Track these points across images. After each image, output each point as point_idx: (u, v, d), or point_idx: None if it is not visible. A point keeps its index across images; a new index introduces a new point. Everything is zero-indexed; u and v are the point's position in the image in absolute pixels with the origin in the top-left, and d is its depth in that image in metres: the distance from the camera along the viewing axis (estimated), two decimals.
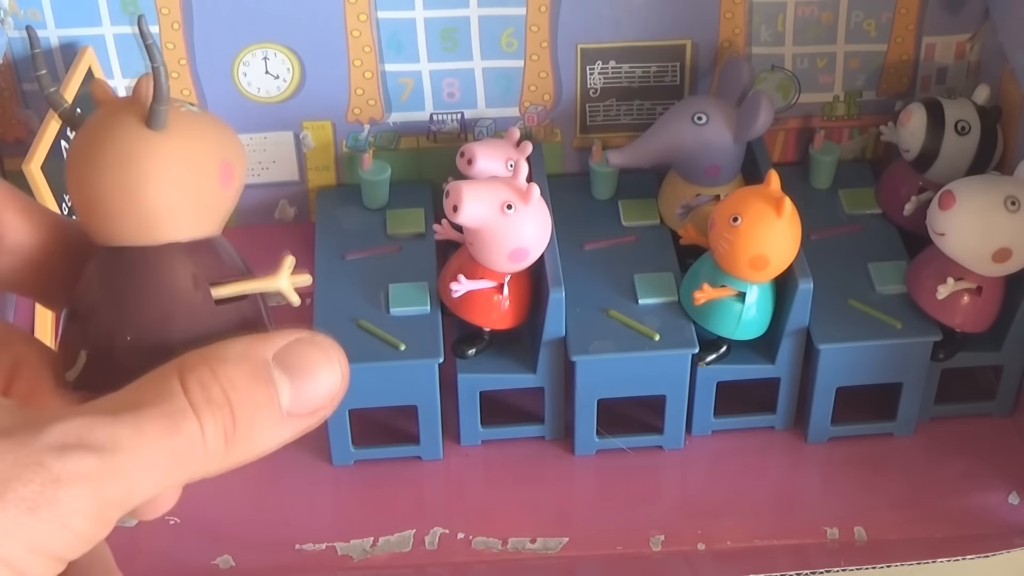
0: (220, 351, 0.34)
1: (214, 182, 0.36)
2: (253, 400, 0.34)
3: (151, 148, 0.34)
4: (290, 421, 0.35)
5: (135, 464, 0.32)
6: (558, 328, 0.73)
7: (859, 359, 0.75)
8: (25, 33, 0.78)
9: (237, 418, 0.33)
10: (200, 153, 0.35)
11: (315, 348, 0.35)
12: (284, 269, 0.37)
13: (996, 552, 0.71)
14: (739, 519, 0.74)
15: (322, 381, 0.35)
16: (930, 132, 0.78)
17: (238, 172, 0.37)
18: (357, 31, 0.81)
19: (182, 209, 0.35)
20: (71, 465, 0.31)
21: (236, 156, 0.37)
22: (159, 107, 0.34)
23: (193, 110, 0.36)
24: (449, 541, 0.73)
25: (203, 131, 0.36)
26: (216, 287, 0.36)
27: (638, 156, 0.79)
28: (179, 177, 0.35)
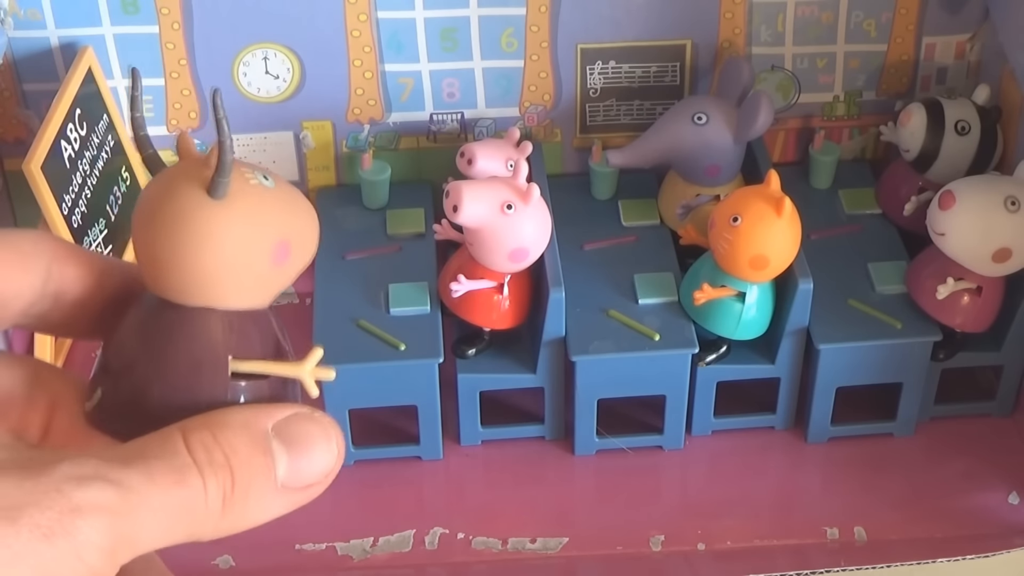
0: (222, 417, 0.35)
1: (265, 259, 0.36)
2: (252, 467, 0.34)
3: (205, 216, 0.35)
4: (284, 494, 0.35)
5: (147, 507, 0.32)
6: (558, 328, 0.73)
7: (859, 359, 0.75)
8: (26, 34, 0.78)
9: (236, 482, 0.34)
10: (255, 228, 0.36)
11: (314, 425, 0.36)
12: (310, 359, 0.37)
13: (996, 552, 0.71)
14: (739, 519, 0.74)
15: (318, 457, 0.36)
16: (930, 132, 0.78)
17: (296, 252, 0.37)
18: (357, 31, 0.81)
19: (227, 280, 0.36)
20: (91, 495, 0.31)
21: (297, 236, 0.37)
22: (220, 179, 0.35)
23: (265, 184, 0.36)
24: (449, 541, 0.73)
25: (263, 207, 0.36)
26: (237, 361, 0.36)
27: (638, 156, 0.79)
28: (228, 249, 0.35)
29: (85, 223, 0.74)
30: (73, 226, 0.72)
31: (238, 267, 0.36)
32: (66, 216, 0.71)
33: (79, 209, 0.73)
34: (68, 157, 0.73)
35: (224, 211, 0.35)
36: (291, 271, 0.37)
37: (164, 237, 0.35)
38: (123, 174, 0.80)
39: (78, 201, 0.73)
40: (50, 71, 0.80)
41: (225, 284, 0.36)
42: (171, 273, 0.36)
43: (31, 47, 0.79)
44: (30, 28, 0.79)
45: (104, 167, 0.77)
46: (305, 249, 0.38)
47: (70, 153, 0.73)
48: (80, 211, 0.73)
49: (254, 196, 0.36)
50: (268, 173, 0.37)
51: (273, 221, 0.36)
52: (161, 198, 0.36)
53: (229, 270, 0.36)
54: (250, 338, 0.37)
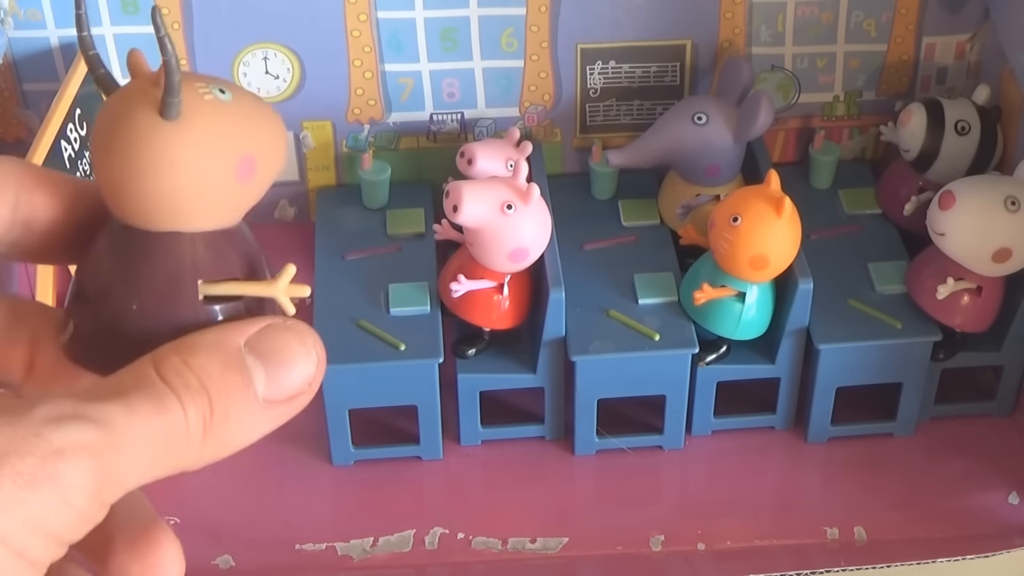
0: (192, 340, 0.34)
1: (228, 177, 0.35)
2: (228, 387, 0.33)
3: (159, 139, 0.34)
4: (267, 409, 0.34)
5: (129, 442, 0.31)
6: (558, 328, 0.73)
7: (859, 359, 0.75)
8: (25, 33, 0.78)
9: (214, 404, 0.33)
10: (213, 147, 0.35)
11: (288, 333, 0.35)
12: (283, 277, 0.36)
13: (996, 552, 0.71)
14: (739, 519, 0.74)
15: (297, 366, 0.35)
16: (930, 132, 0.78)
17: (262, 166, 0.36)
18: (357, 31, 0.81)
19: (189, 202, 0.35)
20: (72, 436, 0.30)
21: (261, 149, 0.36)
22: (169, 100, 0.34)
23: (222, 97, 0.35)
24: (449, 541, 0.73)
25: (220, 123, 0.35)
26: (209, 284, 0.35)
27: (638, 156, 0.79)
28: (187, 171, 0.34)
29: None
30: None
31: (200, 189, 0.35)
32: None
33: None
34: (68, 157, 0.73)
35: (179, 132, 0.34)
36: (259, 185, 0.36)
37: (120, 164, 0.34)
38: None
39: None
40: (50, 71, 0.80)
41: (188, 207, 0.35)
42: (131, 199, 0.35)
43: (31, 47, 0.79)
44: (30, 28, 0.79)
45: None
46: (272, 161, 0.37)
47: (70, 153, 0.73)
48: None
49: (210, 113, 0.35)
50: (225, 85, 0.36)
51: (232, 137, 0.35)
52: (113, 123, 0.35)
53: (190, 192, 0.35)
54: (221, 259, 0.36)
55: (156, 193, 0.34)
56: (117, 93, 0.36)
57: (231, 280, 0.36)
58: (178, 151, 0.34)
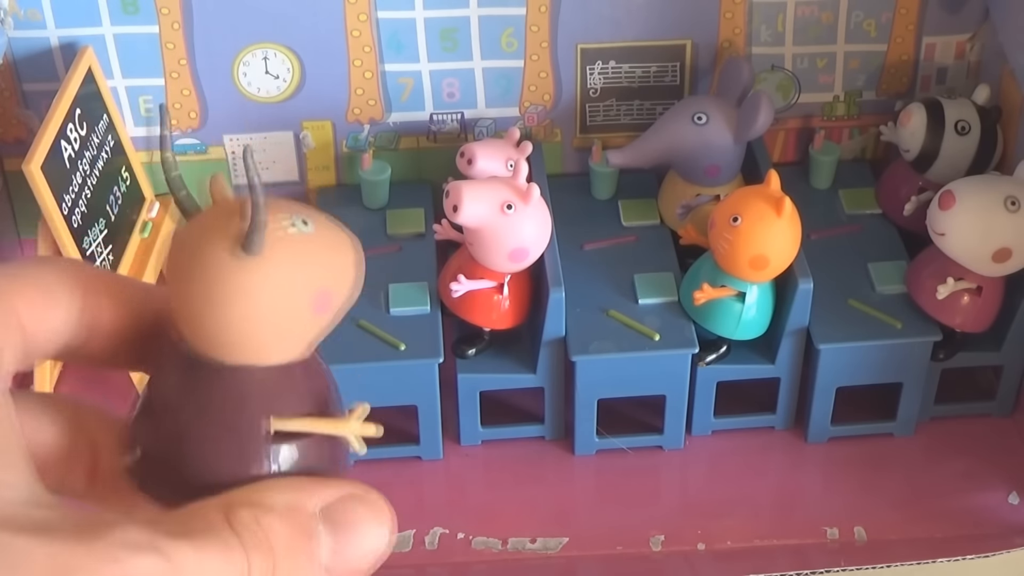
0: (267, 497, 0.33)
1: (305, 311, 0.34)
2: (294, 552, 0.33)
3: (239, 274, 0.33)
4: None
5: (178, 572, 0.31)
6: (558, 328, 0.73)
7: (859, 359, 0.75)
8: (25, 33, 0.78)
9: (277, 565, 0.33)
10: (293, 282, 0.34)
11: (364, 507, 0.35)
12: (354, 416, 0.36)
13: (996, 552, 0.71)
14: (739, 519, 0.74)
15: (367, 542, 0.34)
16: (930, 132, 0.78)
17: (337, 299, 0.35)
18: (357, 31, 0.81)
19: (265, 337, 0.34)
20: (145, 565, 0.30)
21: (337, 283, 0.35)
22: (253, 236, 0.33)
23: (303, 231, 0.34)
24: (449, 541, 0.73)
25: (301, 258, 0.34)
26: (278, 420, 0.35)
27: (638, 156, 0.79)
28: (265, 307, 0.33)
29: (85, 223, 0.74)
30: (73, 226, 0.72)
31: (276, 324, 0.34)
32: (66, 216, 0.71)
33: (79, 209, 0.73)
34: (68, 157, 0.73)
35: (259, 268, 0.33)
36: (332, 318, 0.36)
37: (196, 296, 0.34)
38: (123, 174, 0.80)
39: (78, 201, 0.73)
40: (50, 71, 0.80)
41: (263, 342, 0.34)
42: (206, 331, 0.34)
43: (31, 47, 0.79)
44: (30, 28, 0.79)
45: (104, 167, 0.77)
46: (347, 292, 0.36)
47: (70, 153, 0.73)
48: (80, 211, 0.73)
49: (291, 247, 0.34)
50: (308, 216, 0.35)
51: (312, 271, 0.34)
52: (193, 254, 0.34)
53: (267, 328, 0.34)
54: (291, 393, 0.35)
55: (232, 327, 0.34)
56: (198, 220, 0.35)
57: (301, 416, 0.35)
58: (258, 287, 0.33)
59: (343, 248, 0.36)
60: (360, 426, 0.36)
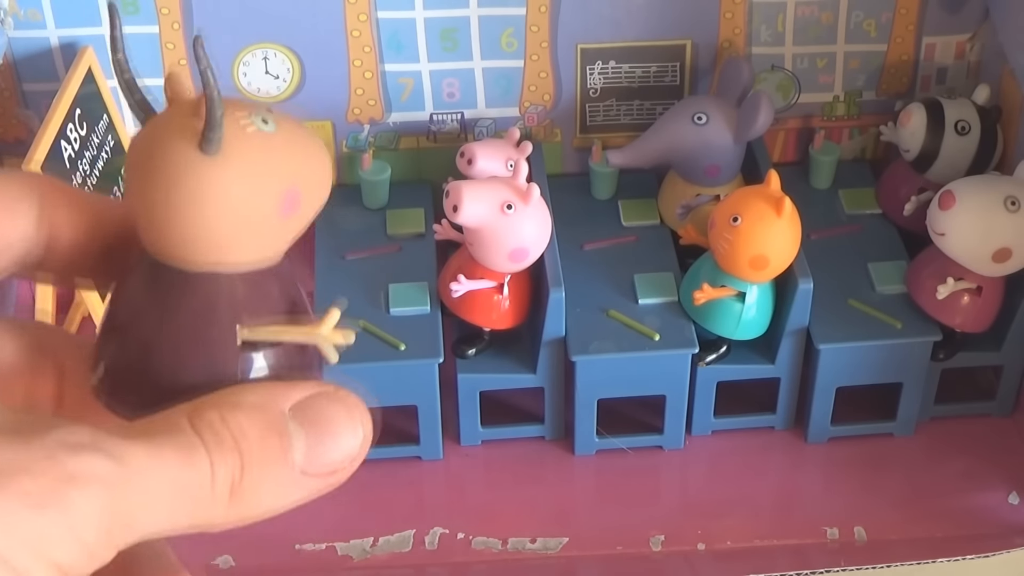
0: (234, 397, 0.32)
1: (271, 212, 0.33)
2: (264, 451, 0.31)
3: (198, 175, 0.32)
4: (303, 480, 0.32)
5: (146, 484, 0.29)
6: (558, 328, 0.73)
7: (859, 359, 0.75)
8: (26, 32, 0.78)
9: (246, 467, 0.31)
10: (256, 181, 0.32)
11: (338, 404, 0.33)
12: (327, 321, 0.34)
13: (996, 552, 0.71)
14: (739, 519, 0.74)
15: (342, 440, 0.33)
16: (930, 132, 0.78)
17: (306, 200, 0.34)
18: (357, 31, 0.81)
19: (229, 240, 0.33)
20: (86, 465, 0.28)
21: (306, 183, 0.34)
22: (210, 135, 0.32)
23: (265, 128, 0.33)
24: (449, 541, 0.73)
25: (264, 156, 0.33)
26: (248, 328, 0.33)
27: (638, 156, 0.79)
28: (228, 209, 0.32)
29: None
30: None
31: (241, 226, 0.32)
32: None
33: None
34: (68, 157, 0.73)
35: (219, 168, 0.32)
36: (303, 219, 0.34)
37: (156, 199, 0.32)
38: (123, 174, 0.80)
39: None
40: (50, 71, 0.80)
41: (228, 245, 0.33)
42: (167, 236, 0.32)
43: (31, 47, 0.79)
44: (30, 28, 0.79)
45: (104, 167, 0.77)
46: (316, 193, 0.34)
47: (70, 153, 0.73)
48: None
49: (252, 146, 0.32)
50: (269, 114, 0.33)
51: (276, 171, 0.33)
52: (150, 155, 0.33)
53: (231, 230, 0.32)
54: (261, 300, 0.34)
55: (194, 231, 0.32)
56: (154, 121, 0.33)
57: (271, 324, 0.34)
58: (219, 187, 0.32)
59: (310, 148, 0.34)
60: (332, 332, 0.34)
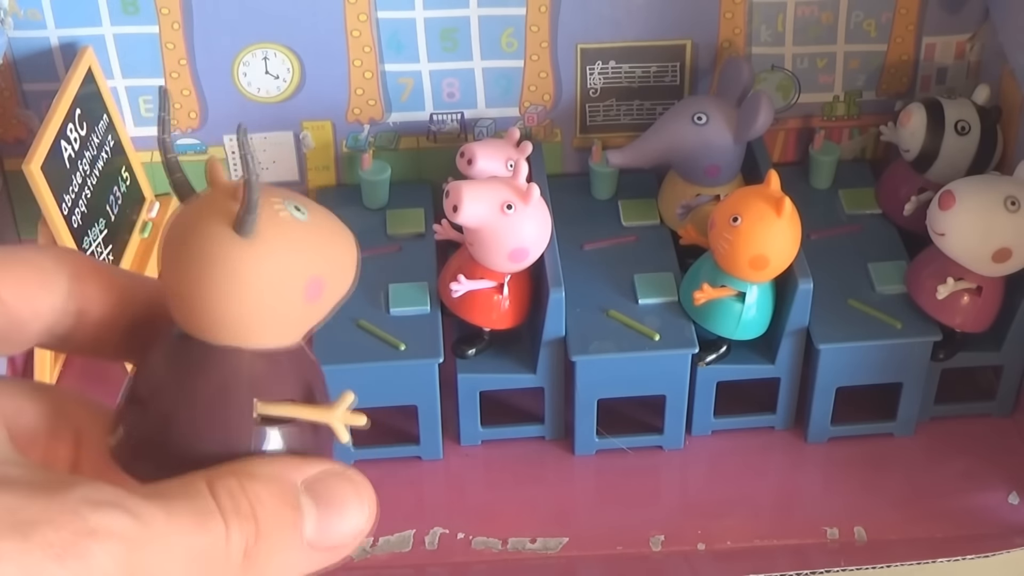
0: (250, 467, 0.33)
1: (296, 298, 0.34)
2: (278, 520, 0.33)
3: (231, 256, 0.33)
4: (310, 552, 0.34)
5: (164, 544, 0.30)
6: (558, 328, 0.73)
7: (859, 359, 0.75)
8: (26, 34, 0.78)
9: (261, 534, 0.32)
10: (285, 265, 0.34)
11: (347, 483, 0.35)
12: (340, 404, 0.35)
13: (996, 552, 0.71)
14: (739, 519, 0.74)
15: (349, 517, 0.34)
16: (930, 132, 0.78)
17: (330, 288, 0.35)
18: (357, 31, 0.81)
19: (255, 320, 0.34)
20: (107, 520, 0.29)
21: (331, 270, 0.35)
22: (246, 217, 0.33)
23: (297, 216, 0.34)
24: (449, 541, 0.73)
25: (295, 243, 0.34)
26: (265, 404, 0.35)
27: (638, 156, 0.79)
28: (256, 290, 0.34)
29: (85, 223, 0.74)
30: (73, 226, 0.72)
31: (267, 307, 0.34)
32: (66, 216, 0.71)
33: (79, 209, 0.73)
34: (68, 157, 0.73)
35: (251, 250, 0.33)
36: (326, 307, 0.36)
37: (189, 276, 0.34)
38: (123, 174, 0.80)
39: (78, 201, 0.73)
40: (50, 71, 0.80)
41: (253, 324, 0.34)
42: (196, 312, 0.34)
43: (31, 47, 0.79)
44: (30, 28, 0.79)
45: (104, 167, 0.77)
46: (341, 282, 0.36)
47: (70, 153, 0.73)
48: (80, 211, 0.73)
49: (284, 232, 0.34)
50: (301, 203, 0.35)
51: (304, 258, 0.34)
52: (187, 234, 0.34)
53: (257, 311, 0.34)
54: (280, 379, 0.35)
55: (222, 309, 0.34)
56: (193, 202, 0.35)
57: (287, 402, 0.35)
58: (250, 269, 0.33)
59: (339, 239, 0.36)
60: (345, 414, 0.36)
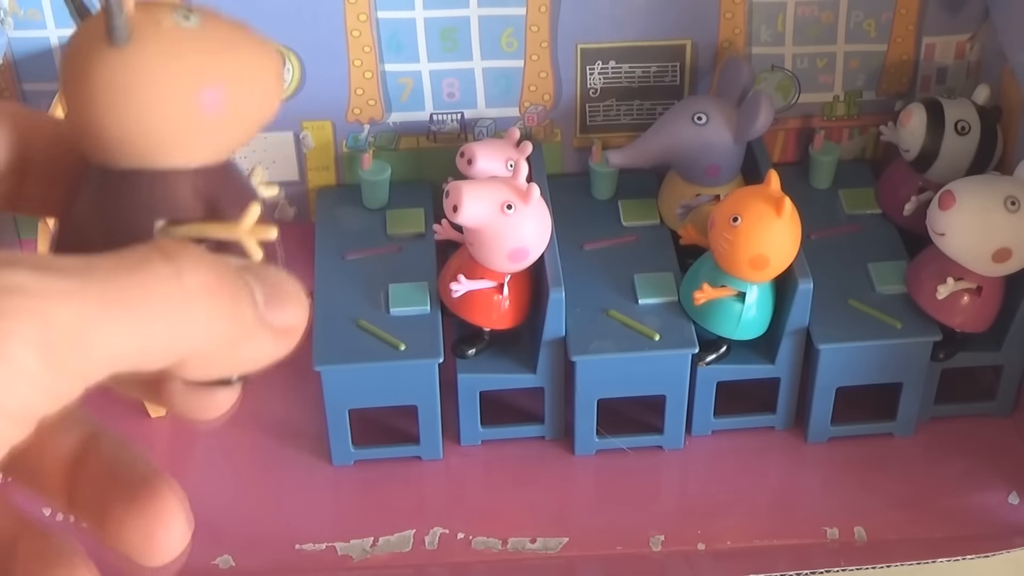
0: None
1: (187, 109, 0.31)
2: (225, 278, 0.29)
3: (104, 65, 0.31)
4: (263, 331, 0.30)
5: (88, 292, 0.26)
6: (558, 328, 0.73)
7: (859, 359, 0.75)
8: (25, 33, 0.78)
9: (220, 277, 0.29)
10: (164, 75, 0.31)
11: (274, 267, 0.32)
12: (246, 219, 0.32)
13: (996, 552, 0.71)
14: (739, 519, 0.74)
15: (290, 294, 0.31)
16: (930, 132, 0.78)
17: (236, 99, 0.32)
18: (357, 31, 0.81)
19: (143, 133, 0.31)
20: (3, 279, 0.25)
21: (232, 81, 0.32)
22: (111, 22, 0.31)
23: (184, 23, 0.32)
24: (449, 541, 0.73)
25: (175, 50, 0.31)
26: (169, 226, 0.32)
27: (638, 156, 0.79)
28: (136, 99, 0.31)
29: None
30: None
31: (153, 121, 0.31)
32: None
33: None
34: None
35: (124, 58, 0.31)
36: (237, 121, 0.33)
37: (68, 91, 0.32)
38: None
39: None
40: (50, 71, 0.80)
41: (142, 140, 0.31)
42: (85, 133, 0.32)
43: (31, 47, 0.79)
44: (30, 28, 0.79)
45: None
46: (249, 93, 0.33)
47: None
48: None
49: (163, 38, 0.31)
50: (193, 12, 0.32)
51: (189, 65, 0.31)
52: (67, 51, 0.32)
53: (142, 124, 0.31)
54: (192, 198, 0.32)
55: (104, 124, 0.31)
56: (84, 23, 0.33)
57: (193, 222, 0.32)
58: (125, 78, 0.31)
59: (241, 47, 0.33)
60: (253, 228, 0.33)
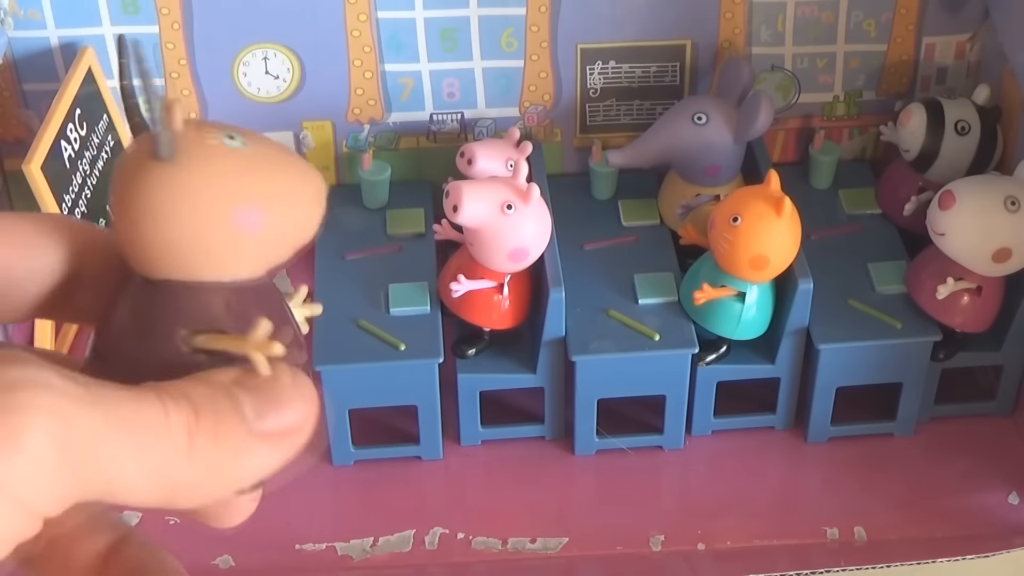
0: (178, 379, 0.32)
1: (222, 226, 0.33)
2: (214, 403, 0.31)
3: (146, 180, 0.32)
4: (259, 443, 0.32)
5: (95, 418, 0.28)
6: (558, 328, 0.73)
7: (859, 359, 0.75)
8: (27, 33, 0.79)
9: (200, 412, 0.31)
10: (202, 191, 0.32)
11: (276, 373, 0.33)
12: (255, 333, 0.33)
13: (996, 552, 0.71)
14: (739, 519, 0.74)
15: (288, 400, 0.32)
16: (930, 132, 0.78)
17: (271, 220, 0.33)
18: (357, 31, 0.81)
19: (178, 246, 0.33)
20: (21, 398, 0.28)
21: (269, 201, 0.33)
22: (159, 137, 0.32)
23: (229, 144, 0.33)
24: (449, 541, 0.73)
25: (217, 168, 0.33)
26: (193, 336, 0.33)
27: (638, 156, 0.79)
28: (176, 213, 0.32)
29: None
30: None
31: (188, 235, 0.32)
32: None
33: (79, 209, 0.73)
34: (68, 157, 0.73)
35: (168, 173, 0.32)
36: (269, 239, 0.34)
37: (113, 203, 0.33)
38: None
39: (78, 201, 0.73)
40: (50, 71, 0.80)
41: (177, 253, 0.33)
42: (125, 243, 0.33)
43: (31, 47, 0.79)
44: (30, 28, 0.79)
45: (104, 167, 0.77)
46: (287, 215, 0.34)
47: (70, 153, 0.73)
48: (80, 211, 0.73)
49: (206, 156, 0.32)
50: (238, 132, 0.33)
51: (228, 184, 0.32)
52: (118, 166, 0.33)
53: (178, 238, 0.32)
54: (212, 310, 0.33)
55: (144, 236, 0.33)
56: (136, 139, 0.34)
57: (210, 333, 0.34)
58: (164, 193, 0.32)
59: (282, 167, 0.34)
60: (262, 343, 0.33)
